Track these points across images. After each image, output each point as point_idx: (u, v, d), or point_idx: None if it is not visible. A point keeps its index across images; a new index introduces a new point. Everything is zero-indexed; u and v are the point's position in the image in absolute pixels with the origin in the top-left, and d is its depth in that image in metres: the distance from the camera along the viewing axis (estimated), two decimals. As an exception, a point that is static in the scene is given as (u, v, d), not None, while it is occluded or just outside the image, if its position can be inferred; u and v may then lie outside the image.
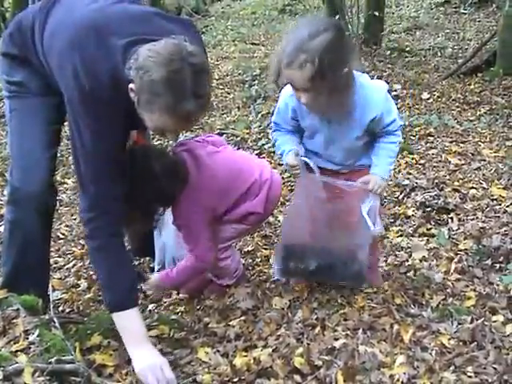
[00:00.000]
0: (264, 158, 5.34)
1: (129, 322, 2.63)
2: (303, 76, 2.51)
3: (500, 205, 4.13)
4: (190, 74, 2.26)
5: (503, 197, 4.26)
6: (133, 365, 2.54)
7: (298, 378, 2.49)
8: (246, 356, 2.63)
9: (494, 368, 2.46)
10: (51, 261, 3.94)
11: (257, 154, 5.51)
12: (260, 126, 6.78)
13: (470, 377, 2.42)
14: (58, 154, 3.15)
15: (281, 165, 5.45)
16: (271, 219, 4.24)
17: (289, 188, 4.84)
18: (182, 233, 3.10)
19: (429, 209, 4.15)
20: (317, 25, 2.55)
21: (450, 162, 5.15)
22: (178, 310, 3.23)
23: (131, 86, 2.33)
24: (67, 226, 4.86)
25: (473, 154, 5.33)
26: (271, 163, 5.40)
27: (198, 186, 2.98)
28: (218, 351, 2.72)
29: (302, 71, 2.49)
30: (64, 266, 4.07)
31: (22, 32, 2.81)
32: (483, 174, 4.77)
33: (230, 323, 2.97)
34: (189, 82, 2.26)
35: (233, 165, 3.17)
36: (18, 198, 2.97)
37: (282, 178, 4.90)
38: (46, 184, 2.95)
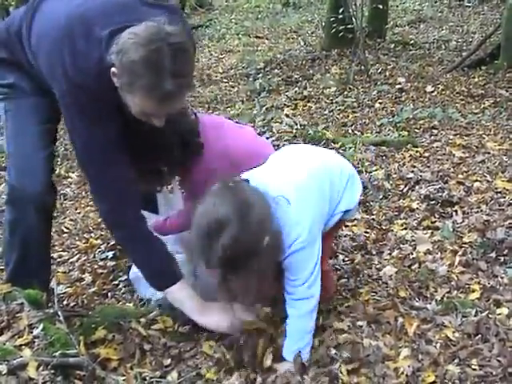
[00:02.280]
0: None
1: (182, 294, 2.73)
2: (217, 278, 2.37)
3: (504, 198, 4.12)
4: (169, 54, 2.25)
5: (507, 189, 4.24)
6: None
7: (302, 371, 2.49)
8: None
9: (499, 361, 2.45)
10: (55, 255, 3.98)
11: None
12: (264, 120, 6.78)
13: (474, 369, 2.42)
14: (62, 148, 3.16)
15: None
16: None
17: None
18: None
19: (433, 202, 4.14)
20: (218, 215, 2.26)
21: (454, 155, 5.13)
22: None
23: (113, 69, 2.33)
24: (71, 220, 4.86)
25: (477, 147, 5.31)
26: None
27: (213, 150, 2.95)
28: (224, 345, 2.72)
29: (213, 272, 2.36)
30: (68, 259, 4.07)
31: (10, 35, 2.80)
32: (487, 167, 4.76)
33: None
34: (168, 61, 2.24)
35: (251, 143, 3.16)
36: (17, 198, 2.97)
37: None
38: (44, 183, 2.94)
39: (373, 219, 4.01)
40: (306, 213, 2.48)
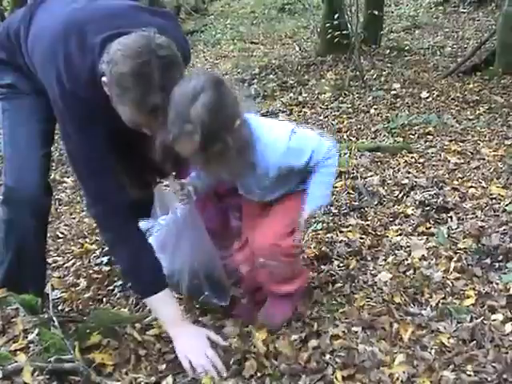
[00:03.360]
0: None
1: (162, 304, 2.72)
2: (191, 147, 2.34)
3: (499, 204, 4.13)
4: (158, 67, 2.25)
5: (502, 196, 4.25)
6: (174, 346, 2.63)
7: (297, 377, 2.49)
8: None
9: (494, 367, 2.46)
10: (50, 260, 3.97)
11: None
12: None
13: (469, 375, 2.43)
14: (57, 153, 3.17)
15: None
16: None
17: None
18: None
19: (428, 208, 4.14)
20: (193, 85, 2.30)
21: (449, 161, 5.14)
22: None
23: (103, 79, 2.34)
24: (66, 224, 4.86)
25: (472, 153, 5.32)
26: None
27: None
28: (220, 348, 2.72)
29: (189, 143, 2.33)
30: (63, 264, 4.07)
31: (9, 38, 2.81)
32: (482, 173, 4.77)
33: (228, 321, 2.98)
34: (156, 75, 2.25)
35: None
36: (12, 199, 2.96)
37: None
38: (40, 184, 2.94)
39: (368, 225, 4.01)
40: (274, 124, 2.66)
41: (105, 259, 3.98)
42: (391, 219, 4.10)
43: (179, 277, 2.97)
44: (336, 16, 9.43)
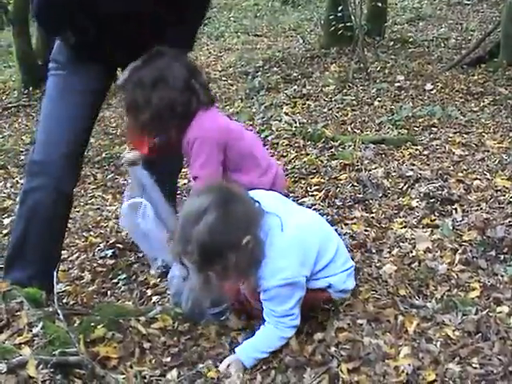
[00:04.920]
0: (267, 149, 5.34)
1: None
2: (192, 265, 2.42)
3: (504, 196, 4.11)
4: None
5: (507, 188, 4.24)
6: None
7: (302, 369, 2.49)
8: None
9: (499, 359, 2.45)
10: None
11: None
12: (263, 118, 6.79)
13: (475, 368, 2.42)
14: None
15: (284, 156, 5.47)
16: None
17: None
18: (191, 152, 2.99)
19: (433, 200, 4.13)
20: (199, 205, 2.36)
21: (453, 153, 5.13)
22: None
23: None
24: (71, 218, 4.82)
25: (476, 145, 5.31)
26: (275, 155, 5.41)
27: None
28: (225, 341, 2.72)
29: (190, 260, 2.39)
30: (68, 258, 4.07)
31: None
32: (487, 165, 4.75)
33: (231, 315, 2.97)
34: None
35: (248, 134, 3.23)
36: (31, 172, 3.11)
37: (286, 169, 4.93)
38: (65, 158, 2.99)
39: (372, 217, 4.00)
40: (295, 249, 2.53)
41: (109, 252, 3.99)
42: (396, 211, 4.08)
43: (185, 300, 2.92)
44: (340, 8, 9.43)
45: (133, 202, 3.23)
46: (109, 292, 3.51)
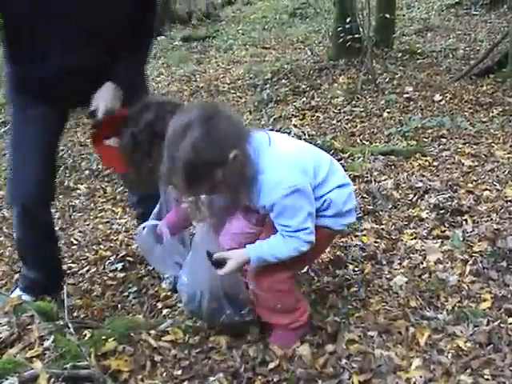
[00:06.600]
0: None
1: None
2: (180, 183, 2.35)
3: (514, 206, 4.11)
4: None
5: (517, 198, 4.24)
6: None
7: (313, 382, 2.48)
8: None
9: (511, 370, 2.44)
10: (65, 267, 3.98)
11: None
12: (272, 130, 6.77)
13: (487, 379, 2.41)
14: (71, 160, 3.23)
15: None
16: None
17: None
18: None
19: (443, 211, 4.12)
20: (182, 122, 2.32)
21: (463, 164, 5.12)
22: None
23: None
24: (80, 231, 4.88)
25: (486, 156, 5.30)
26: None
27: None
28: (237, 354, 2.72)
29: (178, 180, 2.32)
30: (78, 271, 4.09)
31: None
32: (497, 176, 4.74)
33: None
34: None
35: None
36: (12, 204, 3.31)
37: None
38: (36, 195, 3.15)
39: (382, 229, 3.99)
40: (292, 160, 2.50)
41: (119, 265, 4.00)
42: (406, 223, 4.08)
43: (199, 302, 2.85)
44: (348, 20, 9.42)
45: (150, 224, 3.18)
46: (119, 305, 3.51)
